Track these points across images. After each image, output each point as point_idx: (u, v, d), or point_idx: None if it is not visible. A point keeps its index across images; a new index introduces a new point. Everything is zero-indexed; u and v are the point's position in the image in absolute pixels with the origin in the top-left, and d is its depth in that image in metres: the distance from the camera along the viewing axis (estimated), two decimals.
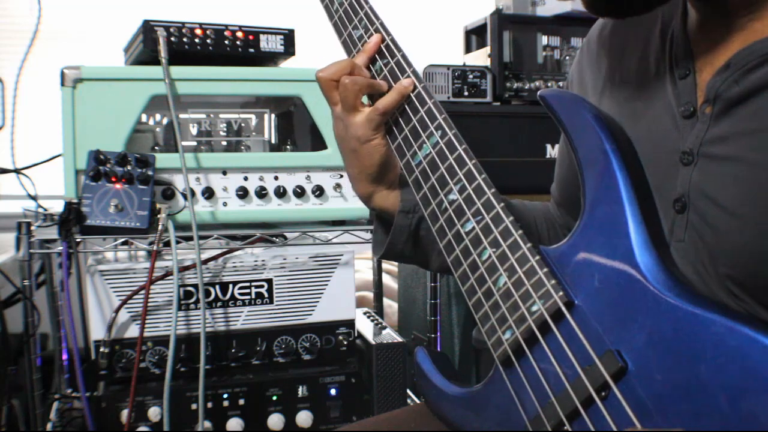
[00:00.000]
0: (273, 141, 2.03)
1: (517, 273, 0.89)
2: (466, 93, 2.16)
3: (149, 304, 1.71)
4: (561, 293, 0.84)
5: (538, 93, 0.96)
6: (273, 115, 2.04)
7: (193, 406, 1.74)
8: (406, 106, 1.06)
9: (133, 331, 1.73)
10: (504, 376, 0.89)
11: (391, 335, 1.95)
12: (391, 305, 2.86)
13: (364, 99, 1.10)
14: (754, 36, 0.87)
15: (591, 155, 0.89)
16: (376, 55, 1.10)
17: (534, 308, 0.86)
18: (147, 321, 1.71)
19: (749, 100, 0.85)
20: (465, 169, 0.98)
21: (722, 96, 0.87)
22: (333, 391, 1.86)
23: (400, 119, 1.07)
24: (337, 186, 1.85)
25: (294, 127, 2.02)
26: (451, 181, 0.99)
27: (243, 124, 1.95)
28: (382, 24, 1.12)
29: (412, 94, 1.06)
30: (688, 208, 0.89)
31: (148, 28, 1.77)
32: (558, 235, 1.22)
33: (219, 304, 1.80)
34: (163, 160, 1.73)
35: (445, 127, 1.01)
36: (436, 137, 1.02)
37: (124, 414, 1.69)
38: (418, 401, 1.98)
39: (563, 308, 0.84)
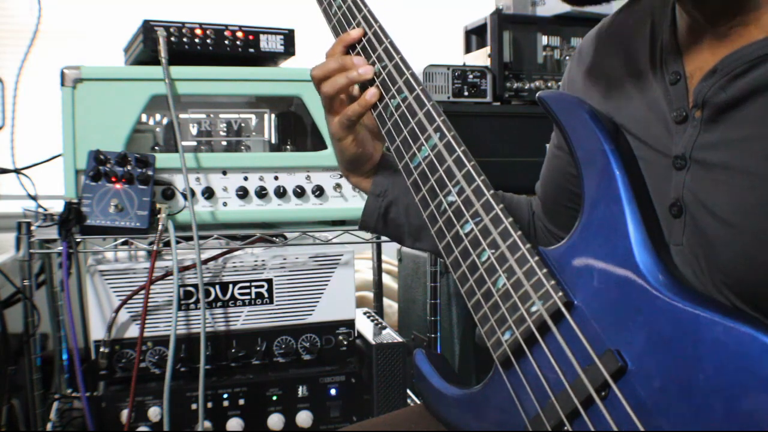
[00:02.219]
0: (273, 141, 2.03)
1: (516, 274, 0.89)
2: (466, 93, 2.16)
3: (149, 304, 1.71)
4: (560, 293, 0.84)
5: (537, 95, 0.96)
6: (273, 115, 2.04)
7: (193, 406, 1.74)
8: (404, 109, 1.06)
9: (133, 331, 1.73)
10: (503, 376, 0.89)
11: (391, 335, 1.95)
12: (391, 305, 2.86)
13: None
14: (740, 41, 0.87)
15: (590, 156, 0.90)
16: (375, 59, 1.11)
17: (533, 309, 0.86)
18: (147, 321, 1.71)
19: (738, 106, 0.85)
20: (464, 171, 0.98)
21: (710, 102, 0.87)
22: (333, 391, 1.86)
23: (399, 121, 1.07)
24: (337, 186, 1.85)
25: (294, 127, 2.02)
26: (449, 183, 0.99)
27: (243, 124, 1.95)
28: (380, 27, 1.12)
29: (410, 96, 1.06)
30: (684, 212, 0.90)
31: (148, 28, 1.77)
32: (533, 236, 1.25)
33: (219, 304, 1.81)
34: (163, 160, 1.73)
35: (444, 129, 1.01)
36: (435, 139, 1.02)
37: (124, 414, 1.69)
38: (418, 401, 1.98)
39: (563, 308, 0.84)
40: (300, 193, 1.82)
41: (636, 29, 1.02)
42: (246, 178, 1.80)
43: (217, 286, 1.80)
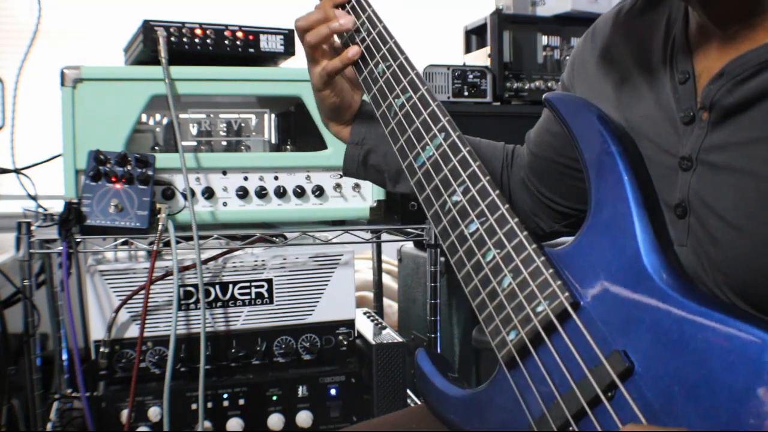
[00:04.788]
0: (273, 141, 2.03)
1: (522, 274, 0.89)
2: (466, 93, 2.16)
3: (149, 304, 1.71)
4: (567, 294, 0.85)
5: (544, 96, 0.97)
6: (273, 115, 2.04)
7: (193, 406, 1.73)
8: (409, 108, 1.06)
9: (133, 331, 1.73)
10: (508, 376, 0.89)
11: (391, 335, 1.95)
12: (391, 305, 2.85)
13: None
14: (748, 45, 0.88)
15: (597, 157, 0.90)
16: (379, 58, 1.11)
17: (539, 309, 0.86)
18: (147, 321, 1.71)
19: (745, 110, 0.85)
20: (469, 171, 0.98)
21: (718, 104, 0.88)
22: (333, 391, 1.86)
23: (403, 121, 1.07)
24: (337, 186, 1.85)
25: (294, 127, 2.02)
26: (454, 182, 0.99)
27: (243, 124, 1.95)
28: (384, 27, 1.13)
29: (415, 96, 1.06)
30: (689, 213, 0.90)
31: (148, 28, 1.77)
32: (507, 182, 1.26)
33: (219, 304, 1.80)
34: (163, 160, 1.73)
35: (449, 129, 1.01)
36: (440, 139, 1.02)
37: (124, 414, 1.69)
38: (418, 401, 1.98)
39: (569, 309, 0.84)
40: (300, 193, 1.82)
41: (653, 21, 1.02)
42: (246, 178, 1.80)
43: (217, 286, 1.80)
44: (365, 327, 2.03)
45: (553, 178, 1.17)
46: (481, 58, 2.28)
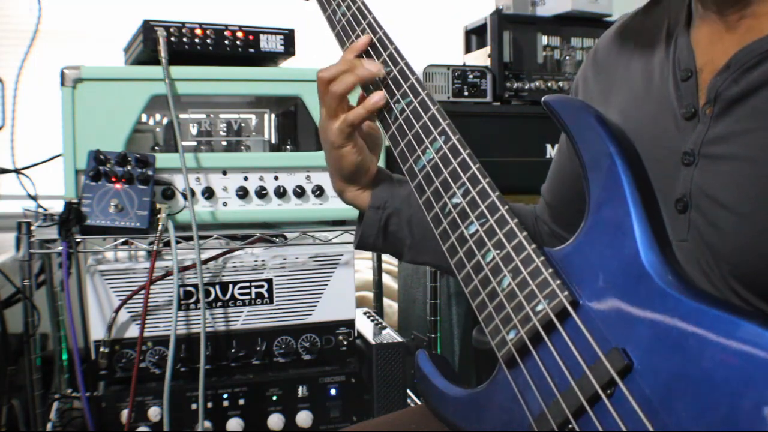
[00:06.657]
0: (273, 141, 2.03)
1: (521, 273, 0.89)
2: (466, 93, 2.17)
3: (149, 304, 1.71)
4: (566, 293, 0.85)
5: (542, 99, 0.97)
6: (273, 115, 2.04)
7: (193, 406, 1.73)
8: (409, 113, 1.06)
9: (133, 331, 1.73)
10: (508, 376, 0.89)
11: (391, 335, 1.95)
12: (391, 305, 2.86)
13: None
14: (751, 35, 0.89)
15: (595, 158, 0.90)
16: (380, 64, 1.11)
17: (539, 308, 0.86)
18: (147, 321, 1.71)
19: (748, 98, 0.86)
20: (469, 173, 0.98)
21: (722, 96, 0.89)
22: (333, 391, 1.86)
23: (403, 125, 1.07)
24: None
25: (294, 127, 2.02)
26: (454, 185, 0.99)
27: (243, 124, 1.95)
28: (385, 33, 1.12)
29: (415, 101, 1.06)
30: (690, 208, 0.91)
31: (148, 28, 1.77)
32: (540, 240, 1.23)
33: (219, 304, 1.80)
34: (163, 160, 1.73)
35: (449, 132, 1.02)
36: (440, 142, 1.02)
37: (124, 414, 1.69)
38: (418, 401, 1.98)
39: (569, 307, 0.84)
40: (300, 193, 1.82)
41: (653, 30, 1.03)
42: (246, 178, 1.80)
43: (217, 286, 1.80)
44: (365, 327, 2.03)
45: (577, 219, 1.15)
46: (481, 58, 2.28)
